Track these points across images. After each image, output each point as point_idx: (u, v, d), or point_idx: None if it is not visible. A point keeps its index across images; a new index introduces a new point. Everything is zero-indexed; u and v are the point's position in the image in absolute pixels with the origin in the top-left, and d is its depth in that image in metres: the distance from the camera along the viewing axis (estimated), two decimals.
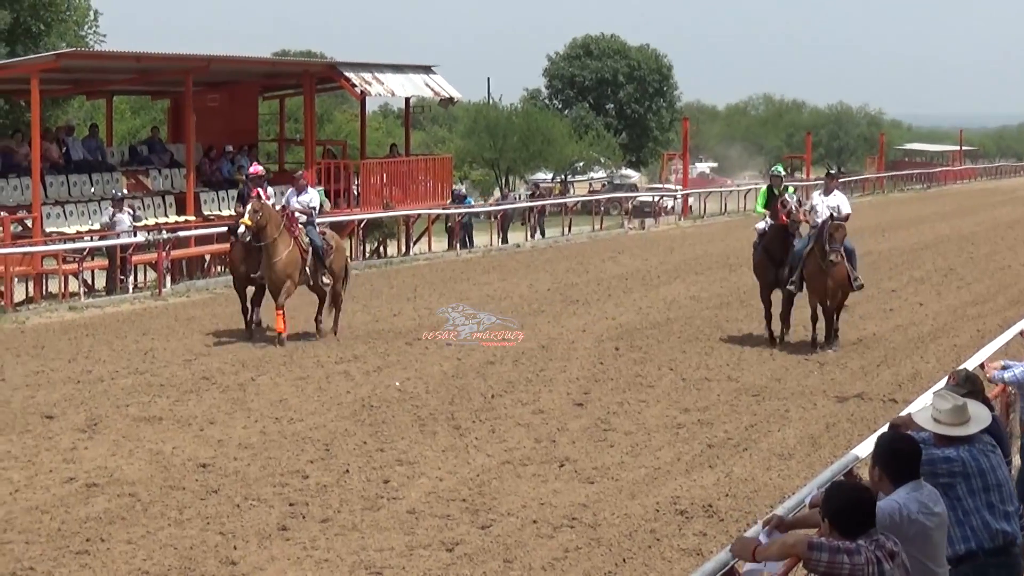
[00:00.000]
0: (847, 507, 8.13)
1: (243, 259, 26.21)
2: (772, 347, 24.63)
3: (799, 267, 23.75)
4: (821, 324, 25.06)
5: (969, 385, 10.94)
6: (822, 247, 23.21)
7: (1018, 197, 76.91)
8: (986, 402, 10.73)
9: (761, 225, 25.24)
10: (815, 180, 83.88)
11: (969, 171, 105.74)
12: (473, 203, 45.87)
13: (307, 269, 26.22)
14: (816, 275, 23.38)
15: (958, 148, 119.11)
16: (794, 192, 25.28)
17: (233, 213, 26.31)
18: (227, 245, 39.13)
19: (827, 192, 25.00)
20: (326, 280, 26.58)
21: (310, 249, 26.41)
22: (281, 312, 25.89)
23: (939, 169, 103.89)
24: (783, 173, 27.43)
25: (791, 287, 24.07)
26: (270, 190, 28.01)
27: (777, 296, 25.22)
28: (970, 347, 21.57)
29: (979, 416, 9.92)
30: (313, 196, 27.81)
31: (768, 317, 25.08)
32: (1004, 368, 14.14)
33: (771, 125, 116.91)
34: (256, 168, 28.57)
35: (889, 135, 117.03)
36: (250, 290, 26.93)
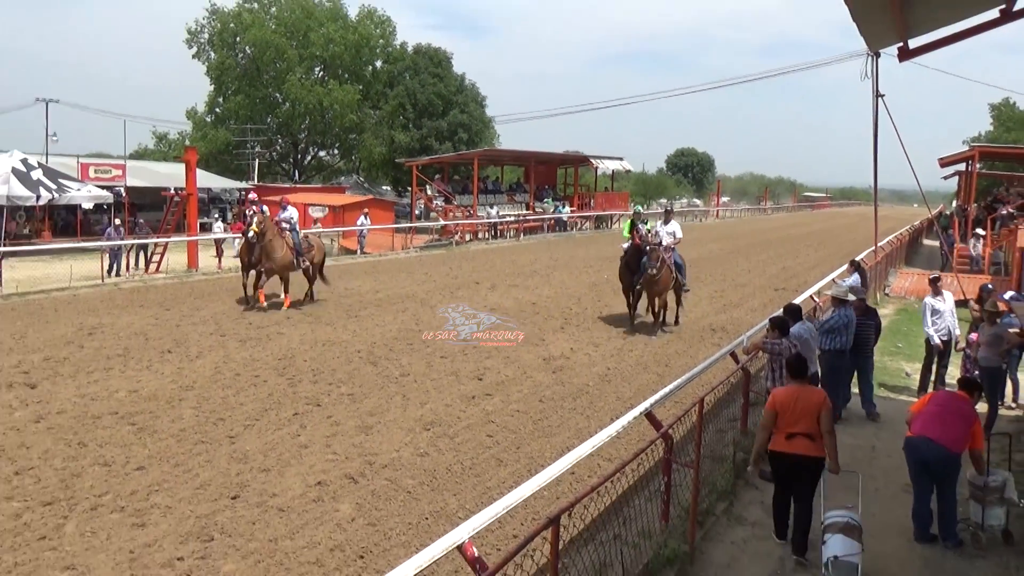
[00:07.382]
0: (783, 324, 8.13)
1: (248, 253, 16.72)
2: (632, 324, 15.72)
3: (640, 276, 15.23)
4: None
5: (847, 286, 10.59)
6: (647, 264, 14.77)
7: (847, 215, 71.88)
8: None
9: (626, 245, 15.70)
10: (761, 206, 79.79)
11: (828, 204, 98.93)
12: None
13: (295, 261, 16.83)
14: (648, 283, 14.95)
15: (825, 195, 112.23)
16: (648, 225, 15.66)
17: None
18: (551, 220, 39.01)
19: (666, 222, 15.97)
20: (304, 264, 16.91)
21: (294, 248, 16.95)
22: (287, 295, 16.60)
23: (817, 203, 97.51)
24: (642, 211, 17.66)
25: (638, 287, 15.38)
26: (265, 208, 17.57)
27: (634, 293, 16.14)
28: (829, 272, 20.46)
29: (853, 293, 9.94)
30: (292, 213, 17.22)
31: (629, 307, 15.62)
32: (844, 280, 13.67)
33: (752, 184, 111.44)
34: (252, 195, 18.43)
35: (799, 189, 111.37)
36: (252, 274, 16.97)
